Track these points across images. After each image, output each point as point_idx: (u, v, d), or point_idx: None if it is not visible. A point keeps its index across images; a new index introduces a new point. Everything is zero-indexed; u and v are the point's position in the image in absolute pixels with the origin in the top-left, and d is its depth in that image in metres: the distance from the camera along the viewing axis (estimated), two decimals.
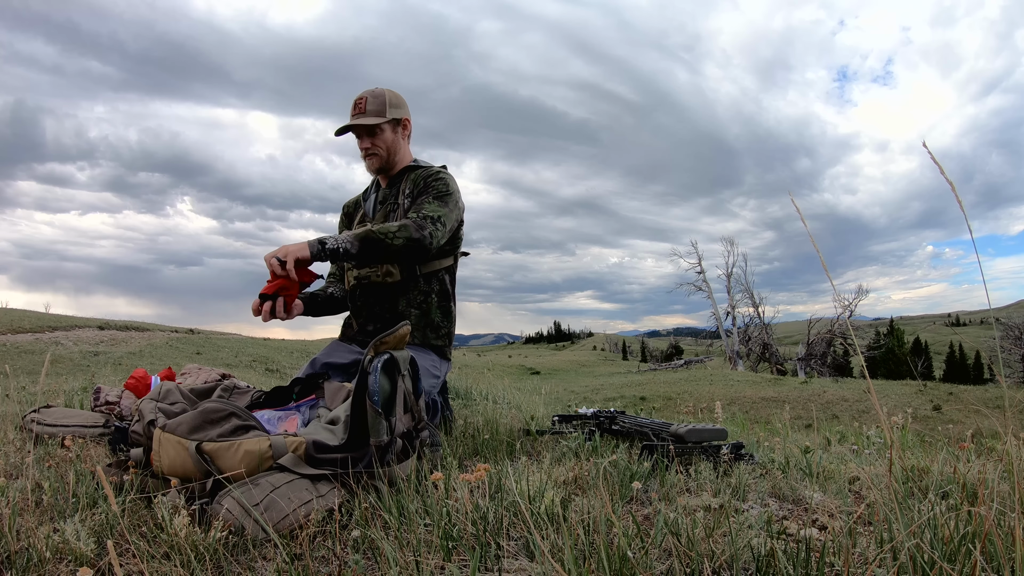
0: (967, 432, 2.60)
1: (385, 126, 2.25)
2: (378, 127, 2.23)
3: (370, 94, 2.25)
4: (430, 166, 2.36)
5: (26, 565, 0.99)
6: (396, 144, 2.31)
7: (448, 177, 2.27)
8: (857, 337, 28.51)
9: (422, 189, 2.25)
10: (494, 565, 0.99)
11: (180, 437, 1.34)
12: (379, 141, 2.26)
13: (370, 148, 2.27)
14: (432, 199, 2.18)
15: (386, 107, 2.25)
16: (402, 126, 2.33)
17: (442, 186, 2.23)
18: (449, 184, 2.25)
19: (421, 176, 2.28)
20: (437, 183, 2.23)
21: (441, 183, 2.23)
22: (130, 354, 14.92)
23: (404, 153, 2.36)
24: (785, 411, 3.56)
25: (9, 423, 2.26)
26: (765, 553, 0.94)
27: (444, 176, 2.27)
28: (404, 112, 2.32)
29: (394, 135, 2.29)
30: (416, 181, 2.28)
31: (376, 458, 1.39)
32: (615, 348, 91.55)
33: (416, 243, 2.02)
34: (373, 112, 2.23)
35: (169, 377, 2.51)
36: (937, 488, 1.37)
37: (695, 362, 38.81)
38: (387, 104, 2.25)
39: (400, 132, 2.32)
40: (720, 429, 1.81)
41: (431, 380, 2.24)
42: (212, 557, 1.04)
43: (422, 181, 2.26)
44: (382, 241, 1.95)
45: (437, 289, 2.33)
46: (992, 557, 0.87)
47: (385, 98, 2.25)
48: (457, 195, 2.27)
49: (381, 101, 2.24)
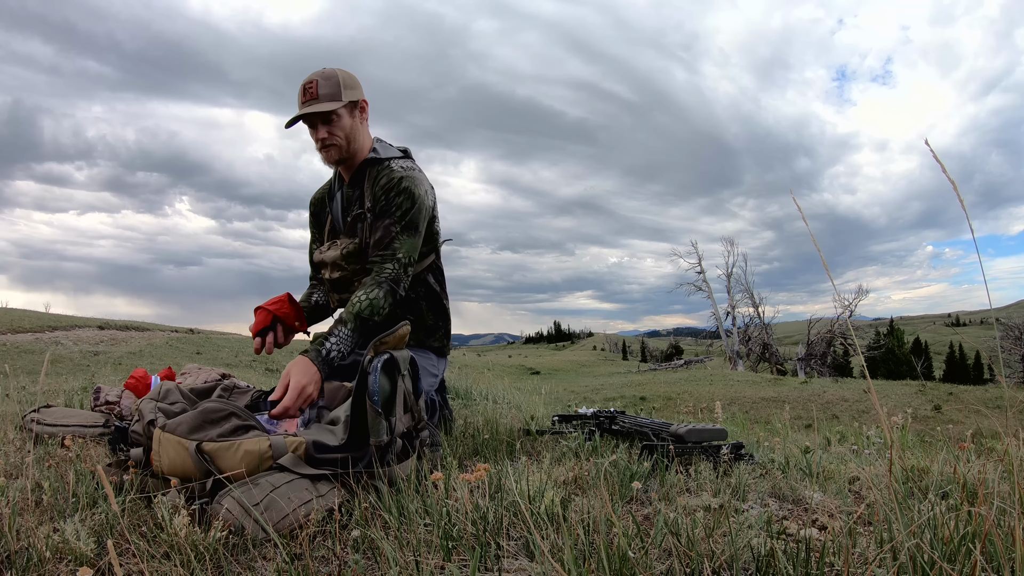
0: (967, 432, 2.60)
1: (342, 111, 2.00)
2: (334, 113, 1.98)
3: (320, 76, 1.99)
4: (390, 159, 2.13)
5: (26, 565, 0.99)
6: (355, 130, 2.06)
7: (411, 182, 2.04)
8: (857, 337, 28.53)
9: (384, 208, 2.03)
10: (494, 565, 0.99)
11: (180, 437, 1.34)
12: (336, 129, 2.01)
13: (327, 138, 2.02)
14: (399, 229, 1.99)
15: (341, 89, 1.99)
16: (360, 109, 2.08)
17: (406, 203, 2.01)
18: (414, 196, 2.02)
19: (381, 186, 2.05)
20: (400, 199, 2.01)
21: (405, 198, 2.01)
22: (130, 354, 14.92)
23: (364, 139, 2.12)
24: (785, 411, 3.56)
25: (9, 423, 2.26)
26: (765, 553, 0.94)
27: (407, 184, 2.03)
28: (360, 93, 2.07)
29: (352, 120, 2.04)
30: (376, 192, 2.06)
31: (376, 458, 1.39)
32: (615, 348, 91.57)
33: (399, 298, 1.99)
34: (327, 96, 1.97)
35: (169, 377, 2.51)
36: (937, 488, 1.37)
37: (695, 362, 38.82)
38: (341, 85, 1.99)
39: (358, 116, 2.08)
40: (720, 429, 1.81)
41: (429, 379, 2.23)
42: (212, 557, 1.04)
43: (382, 194, 2.04)
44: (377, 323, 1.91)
45: (423, 292, 2.23)
46: (992, 557, 0.87)
47: (338, 78, 2.00)
48: (423, 201, 2.06)
49: (335, 83, 1.99)
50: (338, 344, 1.82)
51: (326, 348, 1.80)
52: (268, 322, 2.00)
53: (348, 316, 1.87)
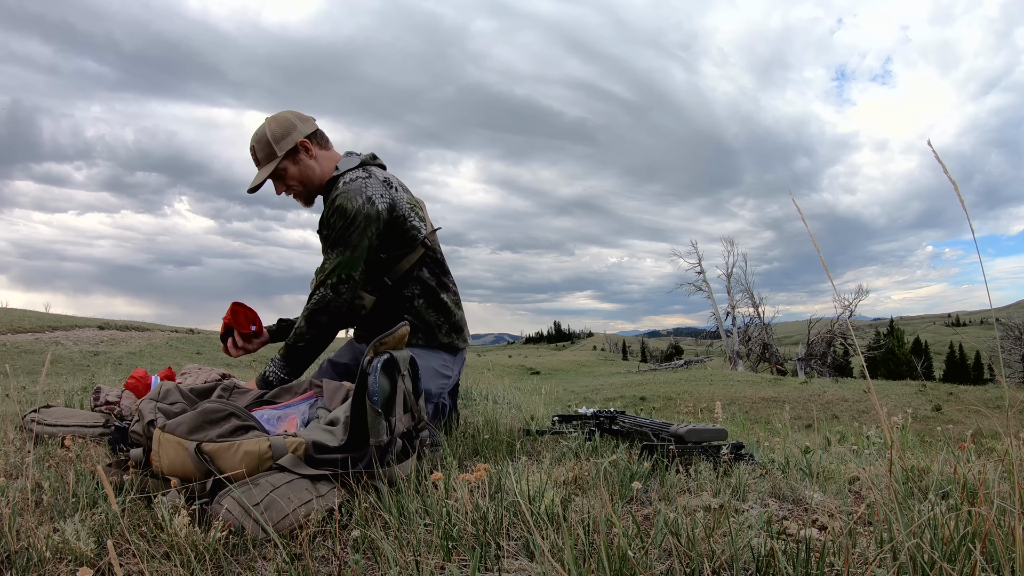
0: (967, 432, 2.60)
1: (284, 164, 2.08)
2: (278, 169, 2.08)
3: (255, 141, 2.09)
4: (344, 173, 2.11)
5: (26, 565, 0.99)
6: (306, 171, 2.12)
7: (344, 199, 2.00)
8: (857, 337, 28.54)
9: (324, 233, 2.08)
10: (494, 565, 0.99)
11: (180, 437, 1.34)
12: (288, 180, 2.11)
13: (286, 191, 2.15)
14: (331, 248, 2.03)
15: (273, 146, 2.06)
16: (303, 150, 2.10)
17: (339, 221, 2.00)
18: (346, 211, 1.99)
19: (327, 208, 2.07)
20: (334, 218, 2.01)
21: (338, 216, 2.00)
22: (130, 354, 14.92)
23: (323, 170, 2.15)
24: (785, 411, 3.56)
25: (9, 423, 2.26)
26: (765, 553, 0.94)
27: (340, 203, 2.00)
28: (296, 135, 2.08)
29: (297, 166, 2.10)
30: (324, 216, 2.08)
31: (376, 458, 1.39)
32: (615, 348, 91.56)
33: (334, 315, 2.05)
34: (264, 158, 2.08)
35: (169, 377, 2.51)
36: (937, 488, 1.37)
37: (695, 362, 38.82)
38: (272, 142, 2.06)
39: (304, 157, 2.10)
40: (720, 429, 1.81)
41: (441, 381, 2.20)
42: (212, 557, 1.04)
43: (325, 219, 2.07)
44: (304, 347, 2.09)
45: (419, 290, 2.19)
46: (992, 557, 0.87)
47: (267, 136, 2.06)
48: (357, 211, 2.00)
49: (265, 143, 2.07)
50: (272, 367, 2.11)
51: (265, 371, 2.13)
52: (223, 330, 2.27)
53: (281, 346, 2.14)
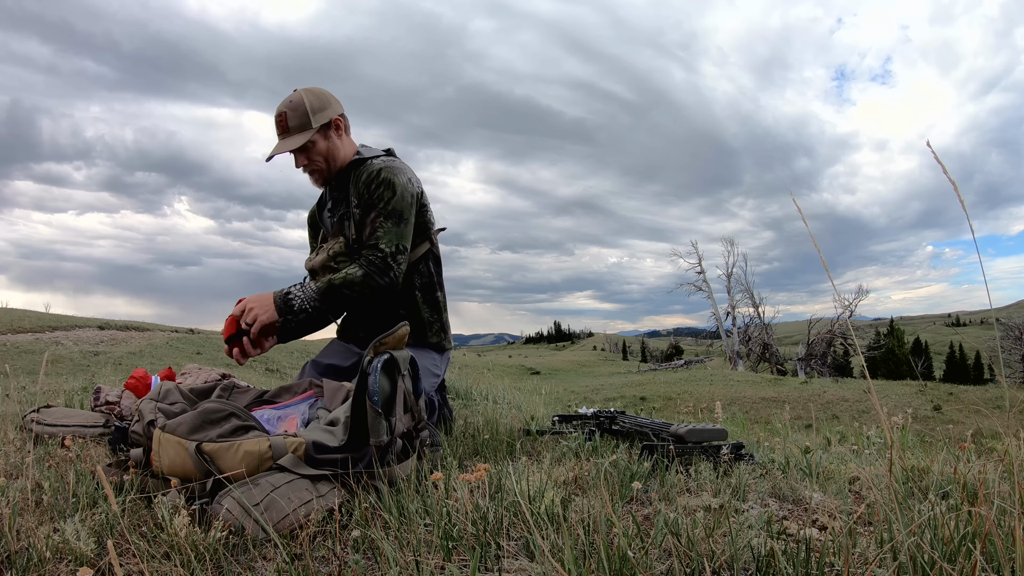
0: (967, 432, 2.60)
1: (315, 137, 2.03)
2: (308, 142, 2.01)
3: (288, 107, 2.01)
4: (374, 155, 2.12)
5: (26, 565, 0.99)
6: (333, 149, 2.08)
7: (390, 172, 2.03)
8: (857, 337, 28.54)
9: (368, 201, 2.02)
10: (494, 565, 0.99)
11: (180, 437, 1.34)
12: (314, 155, 2.05)
13: (307, 165, 2.07)
14: (384, 219, 1.99)
15: (309, 116, 2.00)
16: (334, 127, 2.07)
17: (387, 192, 2.00)
18: (394, 183, 2.01)
19: (363, 181, 2.04)
20: (381, 189, 2.00)
21: (385, 188, 2.00)
22: (130, 354, 14.93)
23: (346, 151, 2.13)
24: (785, 411, 3.56)
25: (9, 423, 2.26)
26: (765, 553, 0.94)
27: (386, 175, 2.01)
28: (332, 111, 2.07)
29: (327, 142, 2.06)
30: (359, 187, 2.05)
31: (376, 458, 1.39)
32: (615, 348, 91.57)
33: (384, 289, 1.97)
34: (296, 128, 2.01)
35: (169, 377, 2.51)
36: (937, 488, 1.37)
37: (695, 362, 38.81)
38: (310, 112, 2.00)
39: (334, 135, 2.08)
40: (720, 429, 1.81)
41: (431, 379, 2.22)
42: (212, 557, 1.04)
43: (364, 188, 2.03)
44: (347, 296, 1.95)
45: (420, 283, 2.19)
46: (992, 557, 0.87)
47: (305, 106, 2.01)
48: (405, 190, 2.03)
49: (302, 111, 2.00)
50: (301, 291, 1.95)
51: (288, 290, 1.96)
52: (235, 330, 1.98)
53: (322, 280, 1.98)
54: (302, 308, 1.93)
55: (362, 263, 1.97)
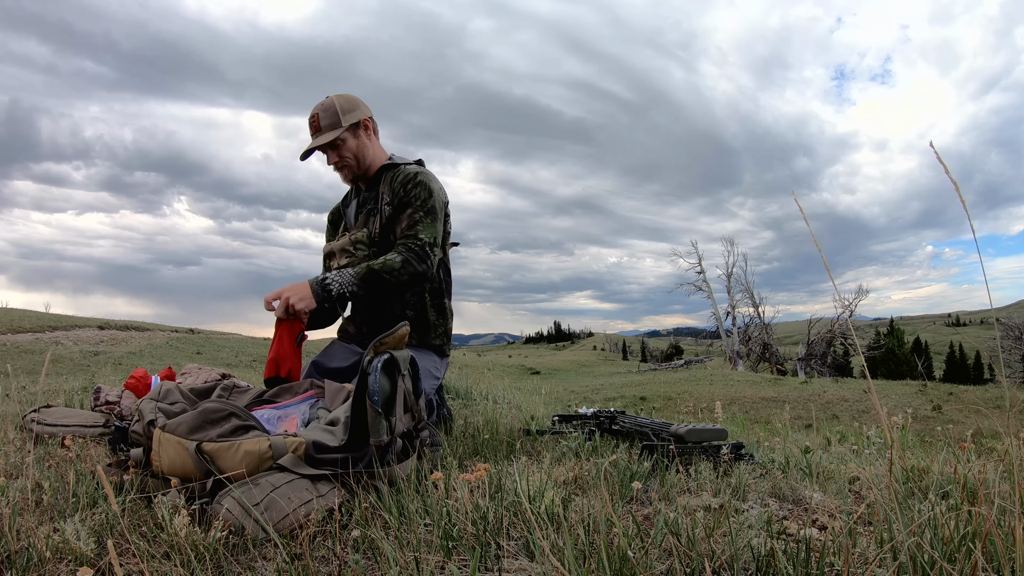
0: (967, 432, 2.60)
1: (345, 135, 2.19)
2: (338, 139, 2.17)
3: (320, 109, 2.19)
4: (405, 163, 2.29)
5: (26, 565, 0.99)
6: (362, 148, 2.24)
7: (426, 177, 2.20)
8: (857, 337, 28.55)
9: (403, 199, 2.17)
10: (494, 565, 0.99)
11: (180, 437, 1.34)
12: (344, 152, 2.21)
13: (338, 161, 2.22)
14: (423, 214, 2.13)
15: (339, 116, 2.18)
16: (363, 127, 2.24)
17: (424, 193, 2.15)
18: (431, 187, 2.18)
19: (399, 181, 2.20)
20: (418, 189, 2.16)
21: (422, 189, 2.16)
22: (130, 354, 14.93)
23: (376, 153, 2.30)
24: (785, 411, 3.56)
25: (9, 423, 2.26)
26: (765, 553, 0.94)
27: (422, 179, 2.18)
28: (360, 113, 2.24)
29: (357, 140, 2.23)
30: (394, 187, 2.20)
31: (376, 458, 1.39)
32: (615, 348, 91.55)
33: (420, 276, 2.08)
34: (328, 126, 2.17)
35: (169, 377, 2.51)
36: (937, 488, 1.37)
37: (695, 362, 38.81)
38: (340, 112, 2.18)
39: (363, 134, 2.25)
40: (720, 429, 1.81)
41: (432, 381, 2.23)
42: (212, 557, 1.04)
43: (400, 188, 2.18)
44: (387, 281, 2.01)
45: (430, 288, 2.29)
46: (992, 557, 0.87)
47: (336, 107, 2.18)
48: (439, 195, 2.21)
49: (333, 112, 2.18)
50: (339, 277, 1.99)
51: (325, 276, 2.00)
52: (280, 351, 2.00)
53: (361, 265, 2.03)
54: (340, 293, 1.98)
55: (400, 250, 2.06)
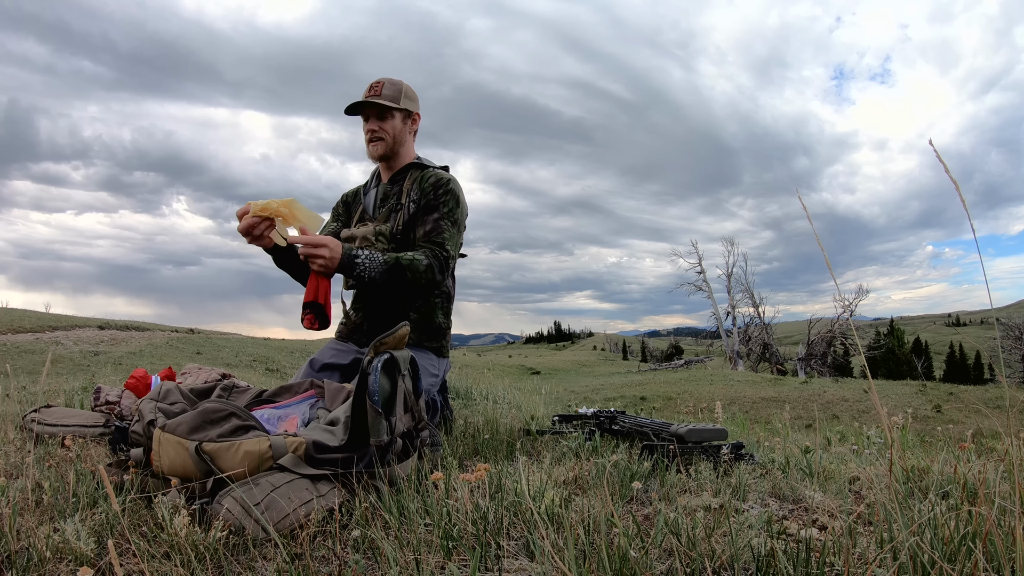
0: (967, 432, 2.60)
1: (396, 113, 2.24)
2: (389, 112, 2.22)
3: (388, 80, 2.24)
4: (434, 167, 2.33)
5: (26, 565, 0.99)
6: (403, 135, 2.28)
7: (456, 186, 2.25)
8: (857, 337, 28.56)
9: (431, 202, 2.20)
10: (494, 565, 0.99)
11: (180, 437, 1.34)
12: (387, 126, 2.24)
13: (376, 131, 2.24)
14: (449, 223, 2.17)
15: (401, 96, 2.24)
16: (412, 119, 2.31)
17: (452, 202, 2.20)
18: (459, 197, 2.23)
19: (429, 183, 2.23)
20: (447, 197, 2.20)
21: (451, 197, 2.20)
22: (130, 354, 14.93)
23: (409, 148, 2.34)
24: (785, 411, 3.56)
25: (9, 423, 2.26)
26: (765, 553, 0.94)
27: (453, 187, 2.23)
28: (416, 106, 2.31)
29: (403, 126, 2.28)
30: (424, 188, 2.23)
31: (376, 458, 1.39)
32: (615, 348, 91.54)
33: (435, 285, 2.12)
34: (388, 97, 2.22)
35: (169, 377, 2.51)
36: (937, 488, 1.37)
37: (695, 362, 38.81)
38: (403, 93, 2.25)
39: (409, 125, 2.31)
40: (720, 429, 1.81)
41: (429, 379, 2.23)
42: (212, 557, 1.04)
43: (431, 190, 2.21)
44: (407, 279, 2.03)
45: (441, 292, 2.32)
46: (993, 557, 0.87)
47: (402, 88, 2.25)
48: (464, 207, 2.26)
49: (398, 89, 2.24)
50: (369, 258, 1.95)
51: (356, 252, 1.93)
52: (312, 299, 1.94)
53: (390, 254, 2.01)
54: (361, 275, 1.95)
55: (429, 255, 2.08)
